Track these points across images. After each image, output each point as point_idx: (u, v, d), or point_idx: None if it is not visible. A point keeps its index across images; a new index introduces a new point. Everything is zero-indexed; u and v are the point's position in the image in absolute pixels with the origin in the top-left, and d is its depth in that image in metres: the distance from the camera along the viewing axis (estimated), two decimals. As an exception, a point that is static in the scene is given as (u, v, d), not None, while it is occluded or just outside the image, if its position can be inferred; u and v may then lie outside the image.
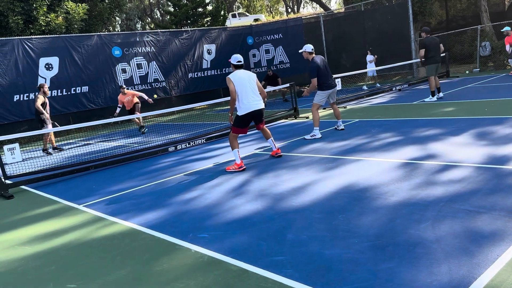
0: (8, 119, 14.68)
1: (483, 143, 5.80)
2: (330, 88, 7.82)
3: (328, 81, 7.78)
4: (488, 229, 3.19)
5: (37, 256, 4.00)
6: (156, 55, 18.47)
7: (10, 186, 6.92)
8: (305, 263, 3.07)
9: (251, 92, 6.31)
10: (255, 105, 6.31)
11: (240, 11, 38.40)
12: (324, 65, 7.79)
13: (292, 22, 21.78)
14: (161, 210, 4.85)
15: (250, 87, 6.32)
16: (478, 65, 17.12)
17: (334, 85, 7.88)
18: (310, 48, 7.82)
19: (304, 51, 7.83)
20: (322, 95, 7.86)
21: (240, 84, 6.24)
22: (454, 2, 21.48)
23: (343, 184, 4.85)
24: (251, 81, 6.39)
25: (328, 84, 7.78)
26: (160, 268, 3.35)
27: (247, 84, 6.29)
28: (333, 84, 7.85)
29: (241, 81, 6.26)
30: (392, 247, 3.12)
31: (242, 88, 6.24)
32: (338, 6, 43.80)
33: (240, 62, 6.46)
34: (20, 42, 14.85)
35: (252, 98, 6.30)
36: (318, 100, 7.92)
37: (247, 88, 6.28)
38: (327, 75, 7.77)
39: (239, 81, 6.25)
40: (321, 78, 7.69)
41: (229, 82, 6.26)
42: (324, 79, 7.72)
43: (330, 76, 7.88)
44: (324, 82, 7.74)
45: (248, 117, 6.36)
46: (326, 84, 7.76)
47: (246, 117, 6.35)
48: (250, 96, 6.28)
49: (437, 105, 9.76)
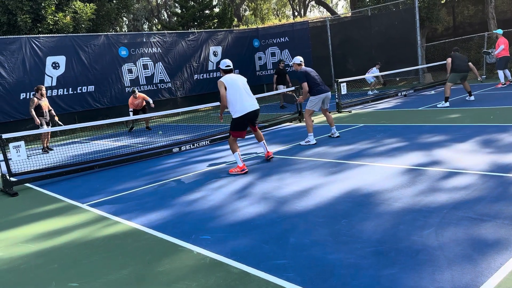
0: (15, 116, 14.75)
1: (488, 150, 5.77)
2: (322, 93, 7.75)
3: (318, 86, 7.74)
4: (491, 237, 3.17)
5: (40, 254, 4.01)
6: (162, 56, 18.53)
7: (14, 183, 6.95)
8: (307, 267, 3.07)
9: (246, 94, 6.29)
10: (250, 107, 6.29)
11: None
12: (314, 72, 7.87)
13: (299, 25, 21.79)
14: (164, 211, 4.86)
15: (244, 89, 6.32)
16: (485, 72, 17.04)
17: (326, 90, 7.82)
18: (298, 60, 7.91)
19: (294, 63, 7.93)
20: (314, 101, 7.80)
21: (233, 86, 6.20)
22: (462, 9, 21.42)
23: (347, 188, 4.84)
24: (244, 83, 6.40)
25: (319, 89, 7.73)
26: (162, 269, 3.36)
27: (241, 86, 6.28)
28: (324, 89, 7.80)
29: (234, 83, 6.23)
30: (394, 253, 3.11)
31: (235, 90, 6.20)
32: (345, 10, 43.80)
33: (229, 66, 6.44)
34: (28, 40, 14.95)
35: (247, 99, 6.28)
36: (310, 106, 7.84)
37: (241, 90, 6.25)
38: (317, 80, 7.78)
39: (232, 83, 6.21)
40: (311, 83, 7.70)
41: (220, 85, 6.18)
42: (315, 84, 7.72)
43: (321, 81, 7.86)
44: (315, 87, 7.72)
45: (244, 119, 6.31)
46: (317, 89, 7.72)
47: (242, 119, 6.30)
48: (245, 98, 6.26)
49: (442, 112, 9.73)
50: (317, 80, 7.75)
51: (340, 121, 10.33)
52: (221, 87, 6.17)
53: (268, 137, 9.27)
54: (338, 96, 12.06)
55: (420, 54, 18.06)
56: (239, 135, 6.47)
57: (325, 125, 9.28)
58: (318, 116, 10.97)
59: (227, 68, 6.43)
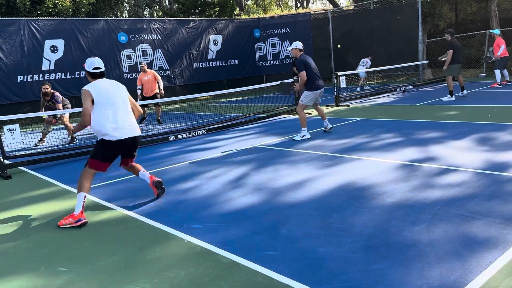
0: (11, 99, 14.68)
1: (483, 148, 5.77)
2: (319, 89, 7.64)
3: (316, 81, 7.61)
4: (482, 235, 3.18)
5: (31, 239, 4.00)
6: (162, 43, 18.41)
7: (8, 166, 6.93)
8: (296, 260, 3.07)
9: (123, 110, 4.42)
10: (129, 131, 4.42)
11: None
12: (313, 64, 7.68)
13: (301, 17, 21.66)
14: (157, 199, 4.85)
15: (122, 103, 4.45)
16: (485, 70, 17.01)
17: (322, 86, 7.72)
18: (300, 45, 7.74)
19: (294, 48, 7.69)
20: (310, 95, 7.66)
21: (103, 98, 4.30)
22: (464, 6, 21.31)
23: (341, 182, 4.83)
24: (121, 94, 4.50)
25: (316, 84, 7.61)
26: (152, 257, 3.35)
27: (117, 98, 4.40)
28: (321, 85, 7.69)
29: (105, 94, 4.33)
30: (385, 248, 3.11)
31: (107, 104, 4.31)
32: (348, 3, 43.52)
33: (99, 69, 4.47)
34: (26, 22, 14.81)
35: (124, 119, 4.40)
36: (305, 101, 7.71)
37: (117, 104, 4.39)
38: (316, 74, 7.63)
39: (102, 94, 4.31)
40: (310, 77, 7.54)
41: (85, 97, 4.25)
42: (313, 78, 7.57)
43: (319, 75, 7.72)
44: (313, 82, 7.59)
45: (118, 146, 4.38)
46: (314, 84, 7.59)
47: (114, 145, 4.35)
48: (122, 116, 4.39)
49: (440, 108, 9.71)
50: (315, 74, 7.63)
51: (337, 114, 10.31)
52: (85, 99, 4.25)
53: (265, 129, 9.25)
54: (337, 90, 12.02)
55: (421, 49, 18.00)
56: (100, 167, 4.43)
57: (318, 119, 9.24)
58: (312, 109, 10.91)
59: (96, 72, 4.46)
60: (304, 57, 7.61)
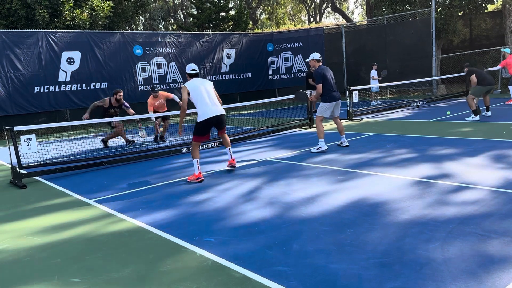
0: (27, 109, 14.94)
1: (499, 166, 5.70)
2: (334, 100, 7.66)
3: (332, 93, 7.63)
4: (498, 255, 3.12)
5: (45, 248, 4.04)
6: (176, 56, 18.63)
7: (24, 176, 7.03)
8: (309, 276, 3.04)
9: (208, 99, 6.33)
10: (213, 111, 6.31)
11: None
12: (330, 75, 7.70)
13: (314, 31, 21.78)
14: (170, 211, 4.87)
15: (207, 94, 6.35)
16: (500, 86, 16.86)
17: (338, 98, 7.74)
18: (318, 56, 7.82)
19: (312, 59, 7.80)
20: (325, 107, 7.70)
21: (195, 91, 6.28)
22: (479, 22, 21.24)
23: (354, 198, 4.80)
24: (207, 87, 6.43)
25: (332, 96, 7.63)
26: (164, 269, 3.36)
27: (203, 91, 6.32)
28: (337, 97, 7.71)
29: (197, 88, 6.30)
30: (398, 266, 3.08)
31: (198, 95, 6.28)
32: (361, 18, 43.70)
33: (194, 70, 6.48)
34: (44, 35, 15.13)
35: (209, 104, 6.31)
36: (321, 112, 7.76)
37: (203, 94, 6.30)
38: (332, 86, 7.65)
39: (195, 88, 6.29)
40: (326, 88, 7.57)
41: (183, 90, 6.27)
42: (329, 90, 7.60)
43: (335, 87, 7.76)
44: (328, 93, 7.61)
45: (207, 124, 6.35)
46: (330, 96, 7.62)
47: (205, 124, 6.34)
48: (207, 103, 6.30)
49: (454, 125, 9.63)
50: (332, 86, 7.65)
51: (350, 129, 10.28)
52: (183, 92, 6.27)
53: (278, 142, 9.26)
54: (350, 104, 12.01)
55: (434, 65, 17.93)
56: (200, 139, 6.49)
57: (336, 132, 9.23)
58: (329, 123, 10.92)
59: (192, 72, 6.48)
60: (321, 69, 7.64)
